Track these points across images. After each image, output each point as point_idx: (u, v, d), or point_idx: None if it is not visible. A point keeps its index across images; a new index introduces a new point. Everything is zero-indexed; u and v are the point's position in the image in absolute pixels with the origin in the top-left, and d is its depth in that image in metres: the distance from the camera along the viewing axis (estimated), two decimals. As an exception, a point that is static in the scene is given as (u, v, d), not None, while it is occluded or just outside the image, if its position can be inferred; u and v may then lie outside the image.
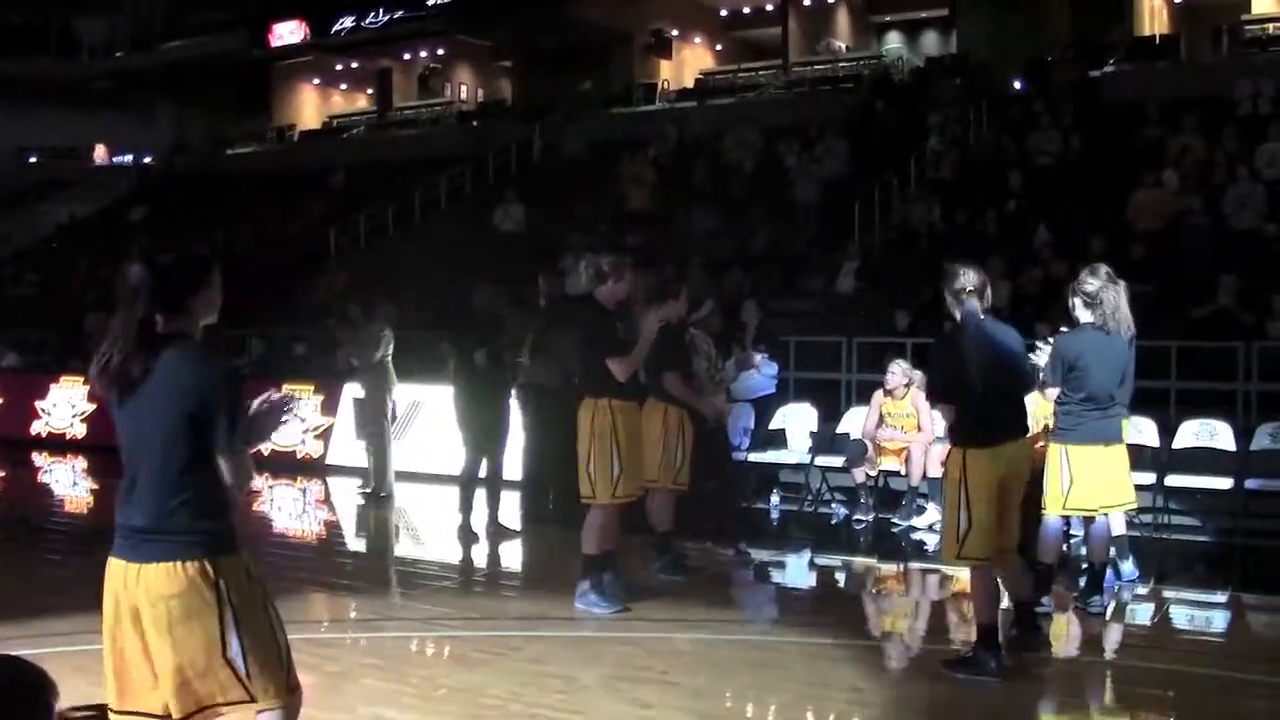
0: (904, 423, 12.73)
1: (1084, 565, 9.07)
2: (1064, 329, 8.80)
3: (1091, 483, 8.41)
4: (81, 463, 18.70)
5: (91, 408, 20.09)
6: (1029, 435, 7.85)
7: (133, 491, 4.30)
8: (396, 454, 14.61)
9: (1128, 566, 9.77)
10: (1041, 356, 8.55)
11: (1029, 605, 7.73)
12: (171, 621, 4.21)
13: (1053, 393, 8.47)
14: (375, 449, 14.41)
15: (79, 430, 20.25)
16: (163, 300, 4.28)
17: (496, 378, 12.26)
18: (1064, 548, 9.49)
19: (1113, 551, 9.75)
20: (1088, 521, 8.95)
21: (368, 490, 14.46)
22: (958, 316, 7.37)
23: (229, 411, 4.26)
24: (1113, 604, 9.18)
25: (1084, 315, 8.46)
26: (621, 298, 9.06)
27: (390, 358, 14.20)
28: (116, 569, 4.28)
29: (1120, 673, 7.68)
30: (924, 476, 12.39)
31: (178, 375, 4.25)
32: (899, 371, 12.75)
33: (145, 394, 4.24)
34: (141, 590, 4.22)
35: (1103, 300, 8.39)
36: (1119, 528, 9.67)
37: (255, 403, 4.45)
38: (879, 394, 12.94)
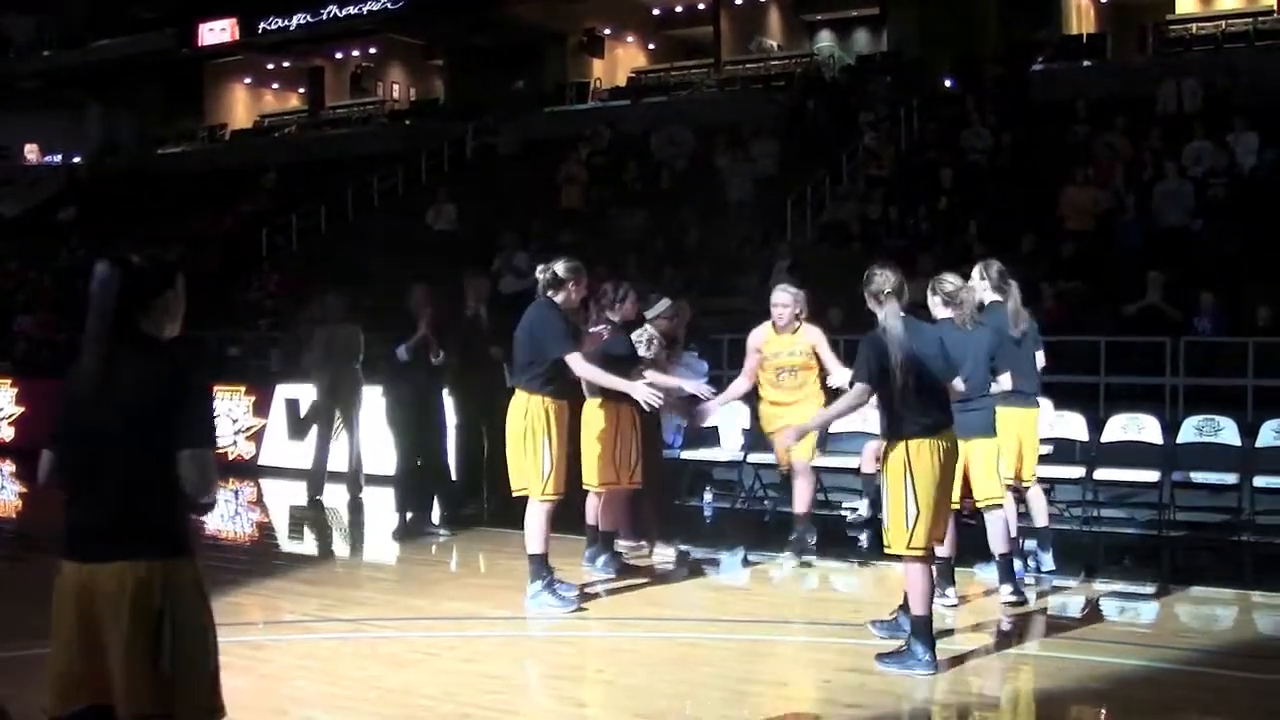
0: (794, 363, 10.40)
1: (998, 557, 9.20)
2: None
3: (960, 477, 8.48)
4: (9, 466, 18.48)
5: (19, 410, 19.87)
6: None
7: (91, 491, 4.25)
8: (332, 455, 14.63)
9: (1047, 559, 9.91)
10: None
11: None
12: (120, 621, 4.15)
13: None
14: (354, 450, 14.33)
15: (6, 433, 20.02)
16: (132, 301, 4.29)
17: (422, 374, 12.21)
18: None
19: (1034, 544, 9.90)
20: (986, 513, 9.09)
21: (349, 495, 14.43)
22: (880, 316, 7.49)
23: (197, 409, 4.32)
24: (1035, 596, 9.30)
25: (941, 312, 8.68)
26: (575, 303, 9.11)
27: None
28: (70, 571, 4.22)
29: (1049, 665, 7.75)
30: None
31: (148, 374, 4.26)
32: (789, 298, 10.40)
33: (112, 392, 4.21)
34: (96, 590, 4.17)
35: (963, 301, 8.67)
36: (1040, 519, 9.79)
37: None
38: (759, 333, 10.60)
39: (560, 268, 9.00)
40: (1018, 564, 9.34)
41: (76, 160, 40.28)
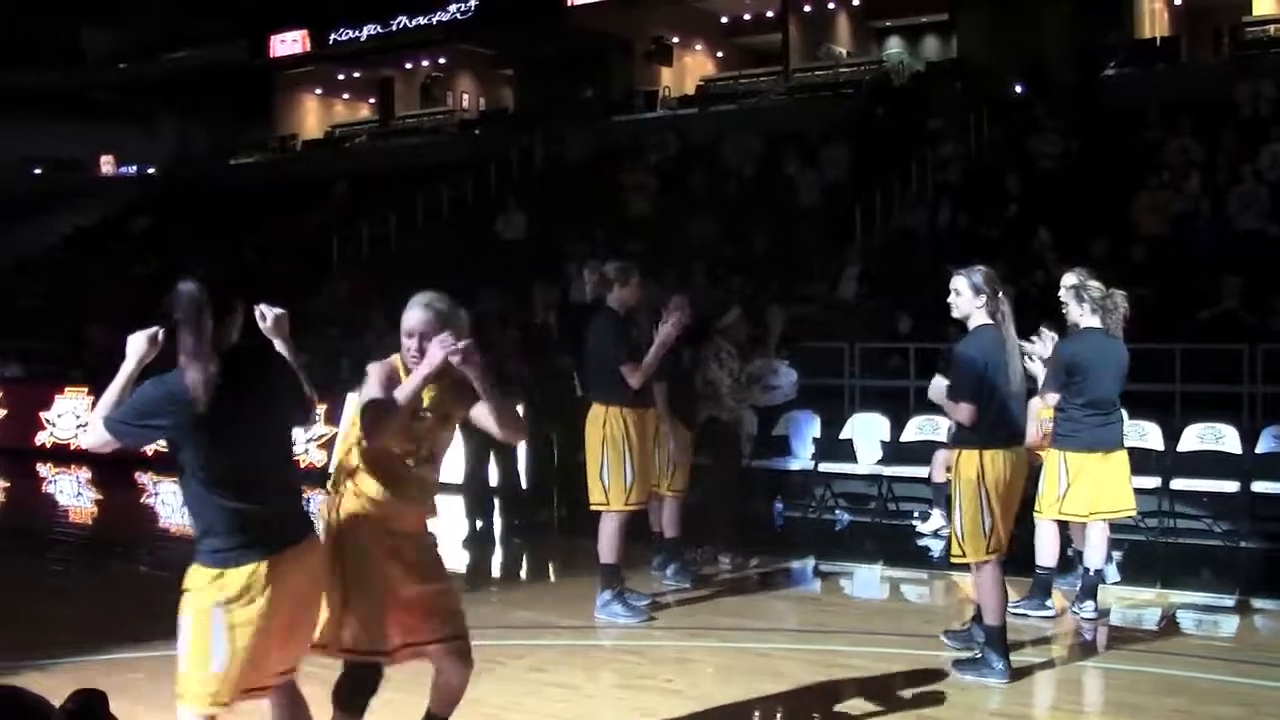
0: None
1: (1082, 570, 9.06)
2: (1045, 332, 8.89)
3: (1087, 490, 8.45)
4: (85, 473, 18.66)
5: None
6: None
7: (260, 489, 4.64)
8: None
9: (1111, 570, 9.78)
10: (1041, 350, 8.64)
11: None
12: (319, 587, 4.92)
13: (1053, 398, 8.50)
14: None
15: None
16: (216, 318, 4.57)
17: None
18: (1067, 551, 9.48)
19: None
20: (1089, 526, 8.94)
21: None
22: (980, 320, 7.32)
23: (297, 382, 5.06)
24: (1111, 610, 9.19)
25: (1089, 320, 8.50)
26: (631, 303, 9.05)
27: None
28: (264, 568, 4.58)
29: (1127, 678, 7.65)
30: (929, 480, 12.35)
31: (268, 374, 4.89)
32: (426, 317, 5.75)
33: (242, 399, 4.57)
34: (297, 571, 4.67)
35: (1117, 306, 8.49)
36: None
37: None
38: (384, 369, 5.63)
39: (609, 269, 9.08)
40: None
41: (150, 171, 40.73)
